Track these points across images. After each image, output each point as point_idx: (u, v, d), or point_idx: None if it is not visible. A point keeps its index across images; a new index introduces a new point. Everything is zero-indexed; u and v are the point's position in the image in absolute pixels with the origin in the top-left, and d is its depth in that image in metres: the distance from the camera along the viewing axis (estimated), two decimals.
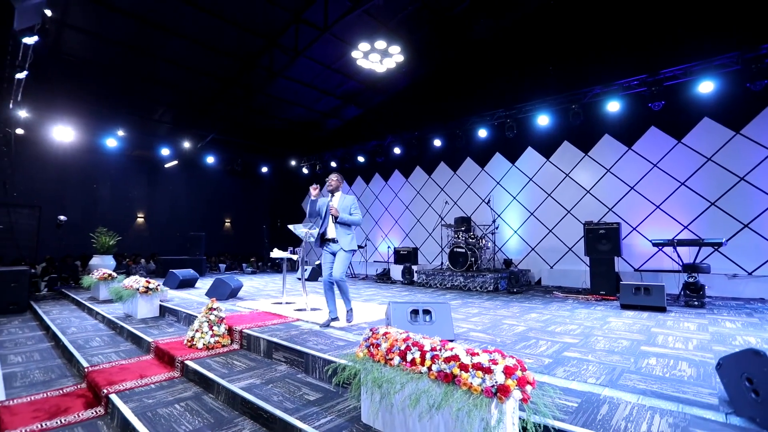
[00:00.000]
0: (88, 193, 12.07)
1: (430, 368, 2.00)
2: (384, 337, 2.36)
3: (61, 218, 9.20)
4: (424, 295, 7.35)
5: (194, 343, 3.95)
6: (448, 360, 1.96)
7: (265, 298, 6.72)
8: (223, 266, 13.18)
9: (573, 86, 8.44)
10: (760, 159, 6.88)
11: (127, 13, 7.88)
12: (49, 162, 11.11)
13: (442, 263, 10.07)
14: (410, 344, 2.18)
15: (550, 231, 9.27)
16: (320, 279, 9.44)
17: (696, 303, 5.72)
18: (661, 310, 5.31)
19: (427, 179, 11.85)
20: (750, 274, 6.91)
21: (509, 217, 9.99)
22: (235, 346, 4.12)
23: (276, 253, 5.75)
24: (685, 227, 7.54)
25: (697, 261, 6.16)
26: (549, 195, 9.35)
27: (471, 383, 1.81)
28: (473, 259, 8.45)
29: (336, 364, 2.63)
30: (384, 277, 10.27)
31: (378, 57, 8.07)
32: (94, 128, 11.22)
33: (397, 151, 11.72)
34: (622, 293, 5.62)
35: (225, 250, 15.10)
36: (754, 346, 2.67)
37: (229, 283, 6.54)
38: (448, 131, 10.49)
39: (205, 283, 8.37)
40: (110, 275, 7.33)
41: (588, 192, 8.77)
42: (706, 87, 7.00)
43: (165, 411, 2.77)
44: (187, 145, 12.60)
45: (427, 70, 10.88)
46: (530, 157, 9.74)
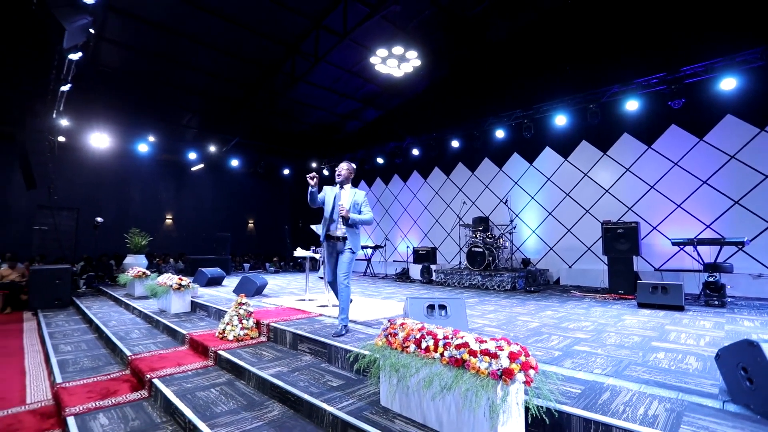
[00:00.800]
0: (121, 195, 12.79)
1: (442, 354, 2.20)
2: (401, 327, 2.57)
3: (98, 219, 9.78)
4: (442, 293, 7.51)
5: (225, 335, 4.26)
6: (458, 347, 2.16)
7: (289, 295, 7.01)
8: (247, 266, 13.64)
9: (591, 86, 8.43)
10: None
11: (158, 25, 8.38)
12: (86, 167, 11.90)
13: (460, 262, 10.19)
14: (425, 333, 2.38)
15: (569, 230, 9.27)
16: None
17: (716, 302, 5.66)
18: (679, 309, 5.30)
19: (446, 180, 11.98)
20: None
21: (527, 216, 10.03)
22: (263, 338, 4.41)
23: (299, 252, 6.02)
24: (708, 226, 7.44)
25: (719, 260, 6.10)
26: (567, 194, 9.35)
27: (479, 367, 2.00)
28: (491, 259, 8.55)
29: (357, 351, 2.85)
30: (403, 276, 10.46)
31: (395, 62, 8.27)
32: (127, 134, 11.90)
33: (415, 152, 11.90)
34: (639, 292, 5.63)
35: (249, 250, 15.60)
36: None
37: (255, 281, 6.86)
38: (466, 132, 10.60)
39: (231, 282, 8.77)
40: (144, 273, 7.82)
41: (607, 191, 8.74)
42: (729, 84, 6.89)
43: (202, 394, 3.06)
44: (212, 149, 13.18)
45: (445, 72, 11.02)
46: (548, 157, 9.76)
